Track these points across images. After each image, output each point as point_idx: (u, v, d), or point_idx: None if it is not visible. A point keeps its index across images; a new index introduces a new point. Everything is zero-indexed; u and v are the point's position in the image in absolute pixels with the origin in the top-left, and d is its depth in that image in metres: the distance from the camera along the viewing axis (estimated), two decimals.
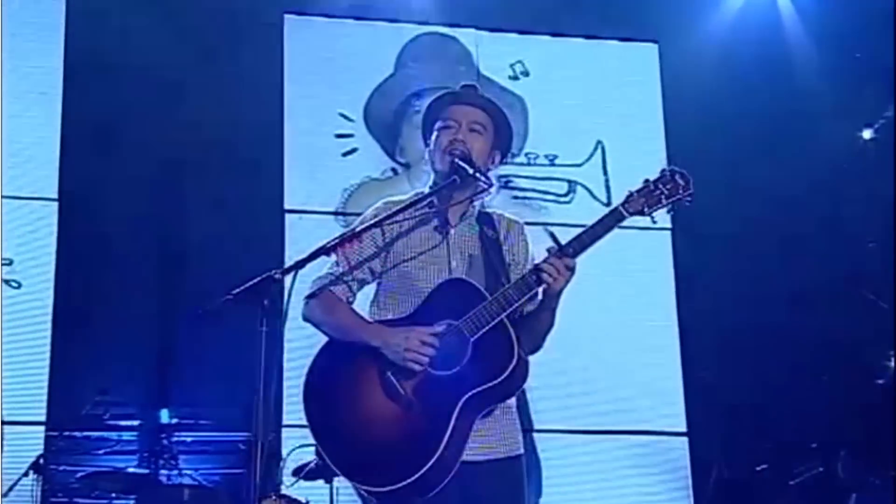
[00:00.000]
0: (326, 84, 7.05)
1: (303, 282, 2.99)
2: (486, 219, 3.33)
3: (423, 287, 3.18)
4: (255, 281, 2.79)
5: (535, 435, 6.75)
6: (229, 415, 6.10)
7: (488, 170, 3.27)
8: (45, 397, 6.19)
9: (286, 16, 7.12)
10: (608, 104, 7.48)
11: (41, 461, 5.58)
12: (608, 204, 6.77)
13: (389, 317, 3.20)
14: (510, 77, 7.35)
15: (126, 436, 6.25)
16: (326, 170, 6.84)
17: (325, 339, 3.16)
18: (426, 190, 3.31)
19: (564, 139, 7.39)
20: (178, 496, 5.37)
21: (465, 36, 7.39)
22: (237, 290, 2.76)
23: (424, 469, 2.91)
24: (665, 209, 3.08)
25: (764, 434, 6.97)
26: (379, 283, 3.30)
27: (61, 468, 5.99)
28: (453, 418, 2.95)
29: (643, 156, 7.33)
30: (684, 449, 6.98)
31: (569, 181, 7.30)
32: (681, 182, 3.09)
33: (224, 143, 6.70)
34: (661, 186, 3.08)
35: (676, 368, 7.08)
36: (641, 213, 3.07)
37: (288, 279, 2.82)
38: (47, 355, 6.25)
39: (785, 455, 6.91)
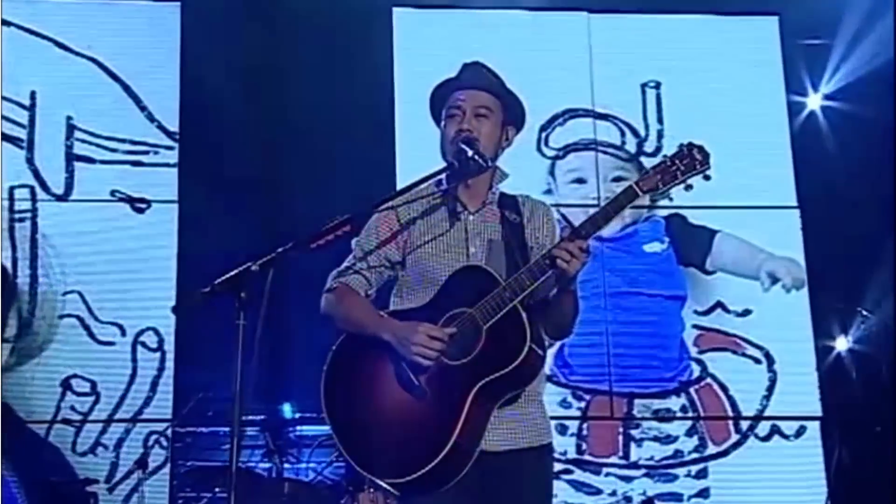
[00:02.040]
0: (437, 75, 6.97)
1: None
2: (508, 202, 3.25)
3: (440, 275, 3.11)
4: (233, 273, 2.74)
5: None
6: None
7: (502, 149, 3.24)
8: (171, 394, 6.36)
9: (395, 9, 7.09)
10: (727, 81, 7.24)
11: (146, 457, 5.74)
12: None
13: (407, 306, 3.15)
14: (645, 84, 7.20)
15: (250, 431, 6.32)
16: (438, 161, 6.76)
17: None
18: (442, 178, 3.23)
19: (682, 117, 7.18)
20: (278, 491, 5.38)
21: (576, 18, 7.25)
22: (215, 282, 2.71)
23: (437, 459, 2.86)
24: (682, 185, 2.99)
25: None
26: (400, 273, 3.24)
27: (189, 463, 6.11)
28: (465, 407, 2.89)
29: (765, 131, 7.12)
30: (817, 433, 6.76)
31: None
32: (698, 157, 2.99)
33: (336, 138, 6.71)
34: (677, 162, 2.99)
35: (810, 351, 6.86)
36: (656, 189, 2.98)
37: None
38: (172, 354, 6.40)
39: None
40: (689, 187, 2.99)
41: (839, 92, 7.18)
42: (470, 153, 3.09)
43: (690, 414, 6.76)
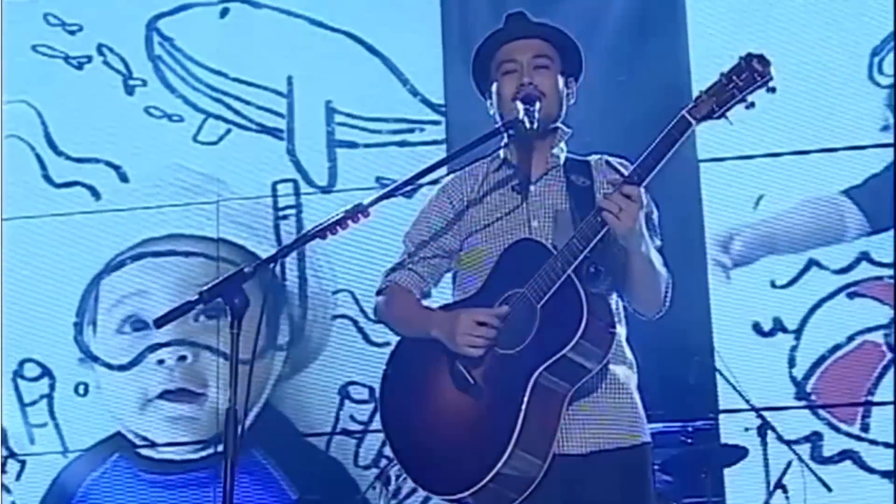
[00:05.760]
0: (731, 49, 5.96)
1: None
2: (577, 167, 2.86)
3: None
4: (223, 277, 2.44)
5: None
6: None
7: (562, 102, 2.86)
8: None
9: None
10: None
11: (389, 471, 5.28)
12: None
13: (461, 297, 2.83)
14: None
15: None
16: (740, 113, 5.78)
17: None
18: (505, 149, 2.87)
19: None
20: None
21: None
22: (202, 288, 2.41)
23: (496, 469, 2.51)
24: (742, 104, 2.54)
25: None
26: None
27: None
28: (524, 404, 2.55)
29: None
30: None
31: None
32: (758, 67, 2.54)
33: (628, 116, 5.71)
34: (734, 78, 2.55)
35: None
36: (711, 115, 2.57)
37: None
38: None
39: None
40: (750, 105, 2.55)
41: None
42: (521, 114, 2.69)
43: None
